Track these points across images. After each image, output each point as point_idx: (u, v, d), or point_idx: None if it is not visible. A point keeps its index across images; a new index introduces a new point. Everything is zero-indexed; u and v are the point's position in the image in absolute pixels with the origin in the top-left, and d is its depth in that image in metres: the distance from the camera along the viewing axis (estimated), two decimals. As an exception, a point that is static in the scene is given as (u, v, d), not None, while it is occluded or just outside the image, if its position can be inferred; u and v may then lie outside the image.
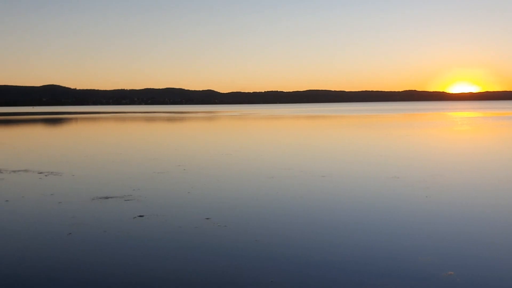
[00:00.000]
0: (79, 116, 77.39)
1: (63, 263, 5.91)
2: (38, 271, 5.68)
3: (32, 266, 5.85)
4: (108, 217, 8.19)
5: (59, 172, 13.26)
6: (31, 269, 5.73)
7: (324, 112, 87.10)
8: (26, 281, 5.38)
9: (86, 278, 5.44)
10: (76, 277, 5.46)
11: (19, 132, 37.18)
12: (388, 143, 22.50)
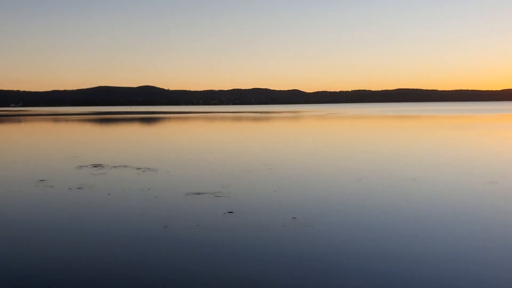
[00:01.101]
0: (172, 116, 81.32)
1: (159, 254, 6.34)
2: (138, 259, 6.14)
3: (133, 254, 6.33)
4: (200, 212, 8.60)
5: (154, 168, 14.11)
6: (133, 257, 6.21)
7: (414, 112, 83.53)
8: (127, 268, 5.84)
9: (181, 268, 5.79)
10: (173, 266, 5.83)
11: (118, 130, 39.98)
12: (484, 145, 21.11)
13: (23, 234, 7.31)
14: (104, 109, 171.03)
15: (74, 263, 5.98)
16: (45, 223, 7.97)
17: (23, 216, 8.49)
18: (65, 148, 21.71)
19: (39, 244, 6.82)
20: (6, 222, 8.07)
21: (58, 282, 5.38)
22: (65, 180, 12.10)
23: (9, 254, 6.36)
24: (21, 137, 31.15)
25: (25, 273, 5.67)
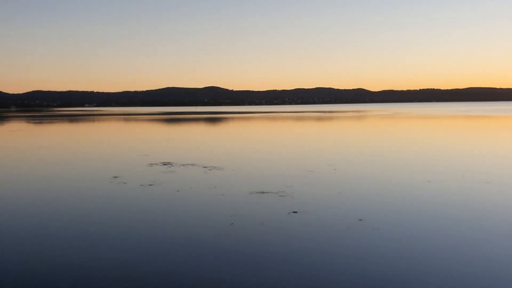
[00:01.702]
0: (235, 116, 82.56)
1: (226, 250, 6.51)
2: (205, 255, 6.34)
3: (200, 249, 6.55)
4: (265, 211, 8.72)
5: (220, 167, 14.44)
6: (200, 253, 6.43)
7: (488, 111, 79.09)
8: (195, 262, 6.06)
9: (247, 264, 5.92)
10: (240, 263, 5.97)
11: (185, 130, 41.22)
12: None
13: (98, 227, 7.77)
14: (171, 109, 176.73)
15: (145, 255, 6.29)
16: (118, 218, 8.42)
17: (99, 210, 9.02)
18: (136, 147, 22.73)
19: (112, 236, 7.22)
20: (84, 216, 8.61)
21: (130, 272, 5.68)
22: (137, 177, 12.70)
23: (87, 244, 6.80)
24: (96, 136, 32.98)
25: (99, 261, 6.04)
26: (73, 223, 8.01)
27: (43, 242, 6.95)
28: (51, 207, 9.29)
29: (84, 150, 21.47)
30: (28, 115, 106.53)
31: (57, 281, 5.46)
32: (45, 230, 7.60)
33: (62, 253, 6.42)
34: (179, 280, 5.48)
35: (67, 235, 7.31)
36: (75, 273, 5.69)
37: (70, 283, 5.39)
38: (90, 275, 5.62)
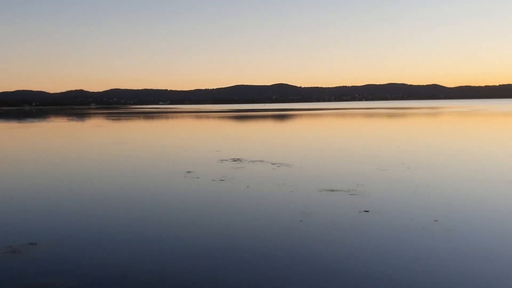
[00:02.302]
0: (303, 113, 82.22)
1: (296, 247, 6.52)
2: (274, 251, 6.40)
3: (269, 246, 6.61)
4: (335, 209, 8.63)
5: (289, 164, 14.47)
6: (269, 249, 6.49)
7: None
8: (264, 259, 6.13)
9: (317, 262, 5.90)
10: (309, 261, 5.97)
11: (254, 127, 41.68)
12: None
13: (172, 220, 8.08)
14: (241, 107, 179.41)
15: (215, 250, 6.45)
16: (191, 211, 8.70)
17: (173, 203, 9.37)
18: (208, 143, 23.36)
19: (186, 229, 7.48)
20: (159, 209, 8.98)
21: (201, 266, 5.86)
22: (209, 172, 13.05)
23: (161, 237, 7.09)
24: (170, 132, 34.28)
25: (172, 253, 6.29)
26: (148, 216, 8.39)
27: (119, 234, 7.34)
28: (128, 201, 9.78)
29: (159, 146, 22.38)
30: (106, 112, 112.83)
31: (134, 271, 5.74)
32: (121, 223, 8.02)
33: (138, 244, 6.75)
34: (249, 274, 5.57)
35: (142, 228, 7.67)
36: (152, 262, 5.96)
37: (147, 272, 5.65)
38: (165, 266, 5.86)
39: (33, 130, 39.00)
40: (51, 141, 26.19)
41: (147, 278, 5.44)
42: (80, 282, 5.32)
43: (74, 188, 11.10)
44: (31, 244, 6.69)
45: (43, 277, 5.45)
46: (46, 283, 5.27)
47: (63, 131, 35.97)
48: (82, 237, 7.08)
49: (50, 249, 6.47)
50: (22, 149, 21.70)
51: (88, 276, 5.51)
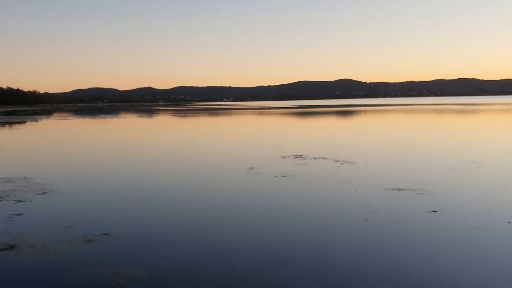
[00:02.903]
0: (368, 109, 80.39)
1: (360, 246, 6.43)
2: (338, 250, 6.35)
3: (333, 245, 6.57)
4: (401, 208, 8.40)
5: (352, 161, 14.24)
6: (332, 248, 6.45)
7: None
8: (327, 257, 6.10)
9: (382, 262, 5.79)
10: (374, 260, 5.87)
11: (316, 123, 41.36)
12: None
13: (236, 215, 8.22)
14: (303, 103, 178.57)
15: (278, 247, 6.50)
16: (254, 207, 8.81)
17: (237, 199, 9.53)
18: (270, 139, 23.51)
19: (248, 225, 7.59)
20: (222, 204, 9.17)
21: (265, 262, 5.93)
22: (271, 169, 13.14)
23: (224, 230, 7.25)
24: (233, 128, 34.84)
25: (237, 248, 6.41)
26: (212, 211, 8.59)
27: (186, 228, 7.59)
28: (194, 195, 10.07)
29: (223, 142, 22.82)
30: (173, 109, 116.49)
31: (201, 264, 5.93)
32: (187, 217, 8.28)
33: (205, 238, 6.95)
34: (312, 273, 5.57)
35: (207, 222, 7.87)
36: (219, 256, 6.12)
37: (213, 266, 5.81)
38: (231, 260, 6.00)
39: (106, 125, 41.10)
40: (123, 137, 27.47)
41: (213, 271, 5.59)
42: (149, 272, 5.57)
43: (144, 182, 11.59)
44: (105, 234, 7.08)
45: (116, 266, 5.76)
46: (118, 272, 5.57)
47: (133, 127, 37.58)
48: (152, 229, 7.39)
49: (122, 240, 6.82)
50: (96, 144, 22.95)
51: (157, 267, 5.75)
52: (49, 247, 6.52)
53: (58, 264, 5.88)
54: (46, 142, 25.17)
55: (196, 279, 5.39)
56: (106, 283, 5.23)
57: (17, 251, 6.34)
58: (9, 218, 8.03)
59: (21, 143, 24.75)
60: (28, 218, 8.07)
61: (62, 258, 6.08)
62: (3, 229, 7.39)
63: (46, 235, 7.06)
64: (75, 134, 31.00)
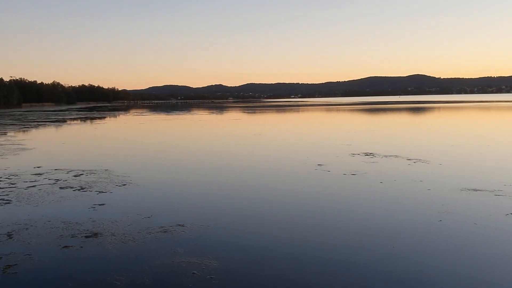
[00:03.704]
0: (441, 106, 76.84)
1: (434, 248, 6.24)
2: (412, 251, 6.21)
3: (405, 245, 6.43)
4: (478, 210, 8.02)
5: (426, 160, 13.76)
6: (405, 249, 6.31)
7: None
8: (394, 258, 5.99)
9: (458, 265, 5.60)
10: (449, 263, 5.68)
11: (387, 120, 40.17)
12: None
13: (304, 212, 8.27)
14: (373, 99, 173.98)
15: (349, 245, 6.46)
16: (322, 204, 8.80)
17: (305, 195, 9.56)
18: (338, 136, 23.25)
19: (316, 222, 7.61)
20: (290, 200, 9.25)
21: (334, 261, 5.93)
22: (340, 166, 13.02)
23: (292, 227, 7.32)
24: (300, 125, 34.75)
25: (304, 245, 6.46)
26: (281, 206, 8.69)
27: (255, 222, 7.75)
28: (262, 190, 10.23)
29: (291, 138, 22.88)
30: (242, 105, 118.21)
31: (269, 257, 6.05)
32: (256, 211, 8.44)
33: (275, 232, 7.07)
34: (384, 274, 5.51)
35: (276, 217, 7.99)
36: (287, 252, 6.22)
37: (284, 260, 5.92)
38: (298, 256, 6.07)
39: (179, 122, 42.59)
40: (195, 132, 28.35)
41: (284, 266, 5.69)
42: (222, 264, 5.78)
43: (216, 177, 11.94)
44: (180, 225, 7.41)
45: (190, 256, 6.03)
46: (192, 262, 5.83)
47: (205, 123, 38.65)
48: (224, 222, 7.63)
49: (196, 231, 7.11)
50: (170, 139, 23.89)
51: (230, 259, 5.94)
52: (128, 235, 6.95)
53: (137, 252, 6.25)
54: (125, 136, 26.56)
55: (267, 272, 5.52)
56: (181, 273, 5.50)
57: (100, 239, 6.81)
58: (92, 208, 8.63)
59: (102, 137, 26.31)
60: (109, 208, 8.63)
61: (140, 246, 6.46)
62: (87, 217, 7.97)
63: (126, 225, 7.52)
64: (151, 129, 32.44)
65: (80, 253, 6.22)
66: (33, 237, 6.90)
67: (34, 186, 10.69)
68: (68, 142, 22.80)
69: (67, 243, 6.61)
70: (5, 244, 6.61)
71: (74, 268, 5.72)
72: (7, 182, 11.33)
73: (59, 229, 7.29)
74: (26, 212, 8.37)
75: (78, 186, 10.68)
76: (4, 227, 7.41)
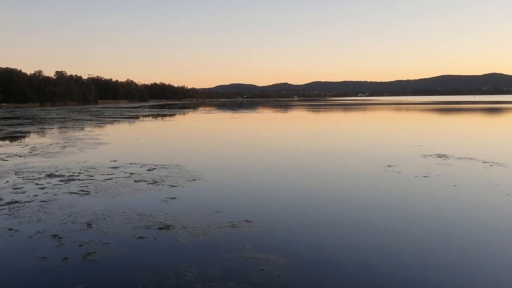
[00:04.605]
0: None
1: None
2: (495, 260, 5.90)
3: (488, 252, 6.12)
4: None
5: (504, 163, 12.98)
6: (489, 257, 6.01)
7: None
8: (475, 263, 5.71)
9: None
10: None
11: (462, 120, 38.27)
12: None
13: (373, 214, 8.09)
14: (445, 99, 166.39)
15: (422, 249, 6.25)
16: (393, 207, 8.57)
17: (375, 197, 9.36)
18: (409, 136, 22.48)
19: (387, 225, 7.43)
20: (359, 201, 9.09)
21: (403, 263, 5.76)
22: (411, 168, 12.60)
23: (362, 228, 7.19)
24: (368, 124, 33.96)
25: (374, 247, 6.32)
26: (349, 208, 8.57)
27: (324, 221, 7.70)
28: (330, 189, 10.13)
29: (358, 137, 22.44)
30: (307, 104, 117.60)
31: (339, 259, 5.99)
32: (325, 211, 8.38)
33: (345, 234, 7.00)
34: (459, 278, 5.29)
35: (345, 218, 7.89)
36: (357, 254, 6.14)
37: (352, 262, 5.85)
38: (369, 258, 5.97)
39: (245, 119, 43.16)
40: (260, 130, 28.59)
41: (353, 268, 5.63)
42: (290, 261, 5.81)
43: (282, 175, 11.99)
44: (247, 221, 7.53)
45: (258, 252, 6.11)
46: (260, 258, 5.91)
47: (270, 121, 38.86)
48: (291, 220, 7.66)
49: (263, 228, 7.19)
50: (237, 136, 24.27)
51: (297, 256, 5.96)
52: (199, 229, 7.16)
53: (207, 245, 6.43)
54: (194, 133, 27.36)
55: (336, 273, 5.47)
56: (249, 268, 5.59)
57: (172, 231, 7.08)
58: (165, 201, 8.98)
59: (173, 133, 27.25)
60: (180, 202, 8.94)
61: (210, 240, 6.64)
62: (160, 210, 8.31)
63: (196, 218, 7.75)
64: (219, 127, 33.15)
65: (153, 244, 6.50)
66: (110, 227, 7.30)
67: (110, 179, 11.30)
68: (141, 137, 23.84)
69: (141, 234, 6.94)
70: (85, 232, 7.05)
71: (148, 258, 5.99)
72: (86, 174, 12.06)
73: (134, 220, 7.67)
74: (104, 203, 8.87)
75: (151, 179, 11.16)
76: (84, 217, 7.91)
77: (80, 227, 7.33)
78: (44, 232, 7.07)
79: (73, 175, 11.88)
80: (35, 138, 24.05)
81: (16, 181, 11.16)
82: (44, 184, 10.68)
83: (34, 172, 12.45)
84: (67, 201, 9.04)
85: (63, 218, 7.81)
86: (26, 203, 8.88)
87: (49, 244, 6.53)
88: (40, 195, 9.56)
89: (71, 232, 7.08)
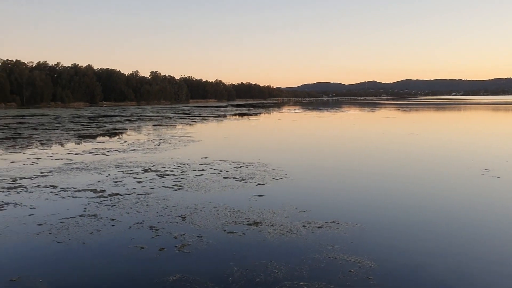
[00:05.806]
0: None
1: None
2: None
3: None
4: None
5: None
6: None
7: None
8: None
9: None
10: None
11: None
12: None
13: (468, 220, 7.65)
14: None
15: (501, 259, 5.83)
16: (490, 214, 8.05)
17: (469, 203, 8.84)
18: (511, 138, 20.87)
19: (483, 233, 6.99)
20: (451, 207, 8.63)
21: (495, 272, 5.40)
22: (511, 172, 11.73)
23: (452, 235, 6.83)
24: (463, 124, 32.00)
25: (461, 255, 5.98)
26: (439, 213, 8.18)
27: (411, 226, 7.43)
28: (419, 194, 9.73)
29: (451, 138, 21.25)
30: (397, 103, 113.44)
31: (427, 265, 5.76)
32: (411, 215, 8.08)
33: (434, 239, 6.71)
34: None
35: (434, 224, 7.56)
36: (445, 262, 5.87)
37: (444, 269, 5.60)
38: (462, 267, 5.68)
39: (330, 119, 42.71)
40: (347, 129, 28.13)
41: (444, 274, 5.40)
42: (379, 265, 5.69)
43: (370, 176, 11.72)
44: (334, 222, 7.48)
45: (346, 254, 6.05)
46: (348, 260, 5.85)
47: (356, 120, 38.07)
48: (379, 222, 7.49)
49: (351, 229, 7.10)
50: (322, 136, 24.10)
51: (387, 260, 5.82)
52: (286, 227, 7.25)
53: (294, 244, 6.49)
54: (279, 132, 27.62)
55: (428, 280, 5.28)
56: (337, 269, 5.56)
57: (260, 228, 7.23)
58: (253, 198, 9.19)
59: (259, 132, 27.73)
60: (267, 199, 9.10)
61: (297, 239, 6.70)
62: (248, 207, 8.52)
63: (283, 216, 7.85)
64: (304, 126, 33.14)
65: (243, 239, 6.70)
66: (202, 221, 7.63)
67: (202, 175, 11.79)
68: (229, 136, 24.54)
69: (231, 229, 7.17)
70: (179, 225, 7.43)
71: (238, 252, 6.19)
72: (180, 170, 12.68)
73: (224, 215, 7.94)
74: (196, 197, 9.29)
75: (239, 177, 11.47)
76: (178, 210, 8.34)
77: (174, 219, 7.74)
78: (142, 223, 7.57)
79: (168, 170, 12.55)
80: (132, 134, 25.75)
81: (116, 174, 12.04)
82: (141, 178, 11.41)
83: (132, 166, 13.34)
84: (162, 194, 9.59)
85: (159, 211, 8.30)
86: (126, 195, 9.55)
87: (147, 235, 6.97)
88: (138, 188, 10.23)
89: (166, 224, 7.50)
